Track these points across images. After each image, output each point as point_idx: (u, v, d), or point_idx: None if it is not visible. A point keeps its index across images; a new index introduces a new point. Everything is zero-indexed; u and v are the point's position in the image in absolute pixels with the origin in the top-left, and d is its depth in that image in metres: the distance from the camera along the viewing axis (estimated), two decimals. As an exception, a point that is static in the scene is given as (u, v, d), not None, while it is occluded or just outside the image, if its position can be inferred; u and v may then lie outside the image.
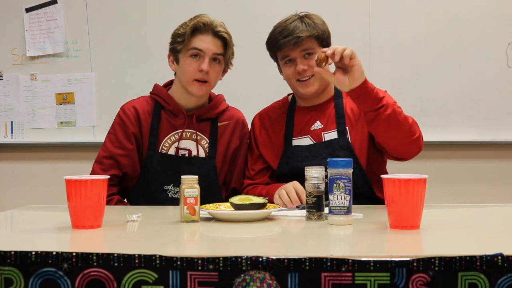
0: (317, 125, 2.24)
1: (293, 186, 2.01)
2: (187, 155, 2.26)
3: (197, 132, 2.28)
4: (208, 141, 2.29)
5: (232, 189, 2.32)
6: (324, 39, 2.20)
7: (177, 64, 2.27)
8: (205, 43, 2.19)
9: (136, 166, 2.24)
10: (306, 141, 2.23)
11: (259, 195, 2.10)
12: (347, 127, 2.21)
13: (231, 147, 2.32)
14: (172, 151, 2.25)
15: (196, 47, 2.19)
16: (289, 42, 2.14)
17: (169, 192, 2.23)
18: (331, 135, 2.21)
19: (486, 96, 3.30)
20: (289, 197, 1.98)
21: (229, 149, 2.32)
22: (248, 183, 2.28)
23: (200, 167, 2.23)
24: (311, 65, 2.15)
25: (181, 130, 2.25)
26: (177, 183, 1.99)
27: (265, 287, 1.20)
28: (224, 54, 2.22)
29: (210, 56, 2.20)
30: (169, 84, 2.37)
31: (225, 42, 2.22)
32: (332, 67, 2.01)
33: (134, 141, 2.24)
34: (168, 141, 2.26)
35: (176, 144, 2.25)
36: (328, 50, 1.93)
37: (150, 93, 2.35)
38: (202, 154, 2.27)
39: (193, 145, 2.27)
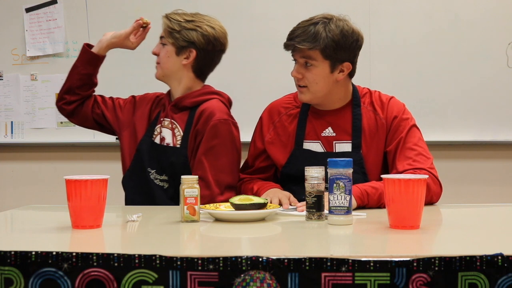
0: (329, 131, 2.17)
1: (275, 195, 2.01)
2: (165, 144, 2.28)
3: (172, 121, 2.28)
4: (182, 130, 2.26)
5: None
6: (329, 55, 2.07)
7: None
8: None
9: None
10: (317, 146, 2.17)
11: (251, 189, 2.14)
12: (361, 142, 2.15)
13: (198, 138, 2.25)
14: (157, 140, 2.29)
15: None
16: (288, 47, 2.12)
17: (151, 175, 2.26)
18: (343, 146, 2.15)
19: (486, 96, 3.30)
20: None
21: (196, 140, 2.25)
22: (244, 177, 2.27)
23: (170, 156, 2.23)
24: (306, 76, 2.10)
25: (162, 119, 2.29)
26: (158, 170, 2.23)
27: (265, 287, 1.20)
28: (168, 36, 2.30)
29: (159, 40, 2.33)
30: None
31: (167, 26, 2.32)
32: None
33: (122, 106, 2.43)
34: (158, 129, 2.30)
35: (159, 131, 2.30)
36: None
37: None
38: (178, 143, 2.25)
39: (168, 133, 2.28)
